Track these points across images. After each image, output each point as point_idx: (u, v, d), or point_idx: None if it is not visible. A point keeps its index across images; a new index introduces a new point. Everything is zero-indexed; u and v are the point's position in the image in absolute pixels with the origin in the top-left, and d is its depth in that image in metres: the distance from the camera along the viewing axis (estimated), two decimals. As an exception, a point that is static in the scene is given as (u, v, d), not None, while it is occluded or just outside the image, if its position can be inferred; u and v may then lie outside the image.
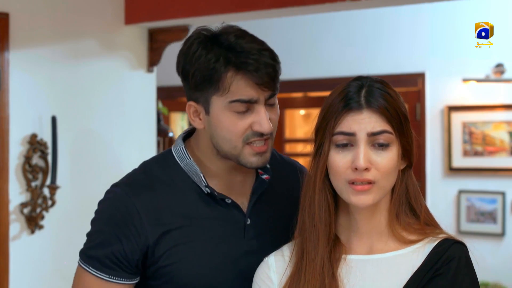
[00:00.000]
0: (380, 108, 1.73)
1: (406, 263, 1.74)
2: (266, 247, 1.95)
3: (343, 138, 1.74)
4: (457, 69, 5.51)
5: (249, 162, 1.91)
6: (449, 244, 1.73)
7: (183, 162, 1.97)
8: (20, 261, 3.95)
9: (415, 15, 5.65)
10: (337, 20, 5.88)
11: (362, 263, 1.77)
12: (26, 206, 4.00)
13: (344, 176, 1.73)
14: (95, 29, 4.47)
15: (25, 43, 4.02)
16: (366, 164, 1.70)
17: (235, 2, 4.22)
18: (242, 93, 1.86)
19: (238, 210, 1.97)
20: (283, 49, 6.03)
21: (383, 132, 1.73)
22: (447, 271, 1.69)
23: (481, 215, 5.46)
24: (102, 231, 1.93)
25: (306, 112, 8.52)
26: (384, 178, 1.73)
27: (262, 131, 1.88)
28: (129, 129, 4.63)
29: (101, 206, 2.00)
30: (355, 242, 1.81)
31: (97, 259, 1.92)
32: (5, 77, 3.87)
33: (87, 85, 4.38)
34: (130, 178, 2.01)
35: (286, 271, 1.83)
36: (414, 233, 1.78)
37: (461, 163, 5.53)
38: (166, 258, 1.90)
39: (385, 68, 5.74)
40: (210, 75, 1.86)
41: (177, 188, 1.95)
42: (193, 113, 1.95)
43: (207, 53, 1.87)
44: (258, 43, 1.90)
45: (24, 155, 3.99)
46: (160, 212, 1.91)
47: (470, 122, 5.50)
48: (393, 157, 1.74)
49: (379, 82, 1.78)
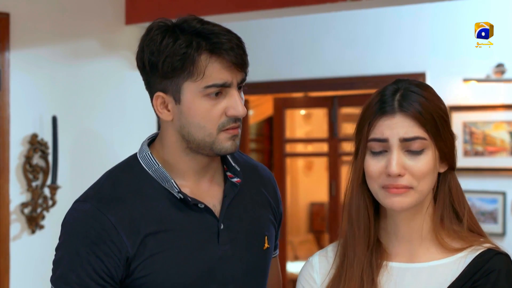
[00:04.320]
0: (414, 112, 1.70)
1: (446, 273, 1.70)
2: (240, 252, 1.92)
3: (377, 145, 1.71)
4: (457, 69, 5.50)
5: (223, 148, 1.85)
6: (491, 255, 1.68)
7: (152, 169, 1.88)
8: (20, 261, 3.96)
9: (415, 15, 5.65)
10: (338, 20, 5.87)
11: (403, 271, 1.74)
12: (26, 206, 4.00)
13: (378, 181, 1.71)
14: (95, 29, 4.47)
15: (26, 43, 4.02)
16: (400, 170, 1.67)
17: (236, 2, 4.22)
18: (217, 76, 1.80)
19: (210, 215, 1.90)
20: (284, 49, 6.03)
21: (416, 139, 1.69)
22: (485, 283, 1.65)
23: (481, 215, 5.45)
24: (78, 253, 1.80)
25: (307, 112, 8.54)
26: (421, 183, 1.70)
27: (237, 114, 1.83)
28: (129, 129, 4.63)
29: (69, 227, 1.85)
30: (395, 247, 1.78)
31: (79, 284, 1.79)
32: (6, 77, 3.88)
33: (87, 85, 4.39)
34: (98, 191, 1.89)
35: (330, 273, 1.81)
36: (458, 241, 1.73)
37: (462, 163, 5.52)
38: (142, 269, 1.82)
39: (385, 68, 5.74)
40: (182, 60, 1.79)
41: (147, 197, 1.86)
42: (160, 105, 1.87)
43: (175, 40, 1.81)
44: (222, 27, 1.85)
45: (24, 155, 3.99)
46: (135, 223, 1.82)
47: (470, 122, 5.50)
48: (429, 161, 1.70)
49: (416, 85, 1.75)
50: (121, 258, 1.80)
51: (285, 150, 6.76)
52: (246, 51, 1.86)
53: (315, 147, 8.50)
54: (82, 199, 1.88)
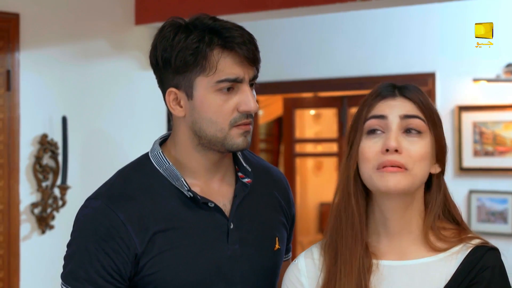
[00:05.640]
0: (414, 98, 1.71)
1: (439, 270, 1.69)
2: (249, 252, 1.92)
3: (375, 122, 1.70)
4: (467, 69, 5.49)
5: (235, 144, 1.85)
6: (483, 251, 1.68)
7: (162, 168, 1.89)
8: (30, 261, 3.97)
9: (425, 15, 5.64)
10: (347, 20, 5.87)
11: (394, 269, 1.72)
12: (36, 206, 4.01)
13: (373, 161, 1.68)
14: (105, 29, 4.48)
15: (36, 43, 4.03)
16: (398, 145, 1.66)
17: (245, 2, 4.22)
18: (229, 70, 1.81)
19: (220, 214, 1.90)
20: (293, 49, 6.03)
21: (416, 117, 1.70)
22: (481, 280, 1.65)
23: (491, 215, 5.44)
24: (87, 249, 1.81)
25: (316, 112, 8.53)
26: (416, 166, 1.67)
27: (248, 109, 1.83)
28: (139, 129, 4.63)
29: (80, 224, 1.87)
30: (385, 244, 1.75)
31: (87, 280, 1.80)
32: (16, 78, 3.89)
33: (97, 85, 4.39)
34: (108, 189, 1.91)
35: (320, 276, 1.78)
36: (447, 239, 1.73)
37: (472, 163, 5.51)
38: (151, 267, 1.82)
39: (395, 68, 5.73)
40: (194, 54, 1.80)
41: (158, 195, 1.87)
42: (172, 101, 1.88)
43: (187, 36, 1.82)
44: (234, 24, 1.87)
45: (34, 155, 4.00)
46: (144, 220, 1.83)
47: (480, 122, 5.49)
48: (426, 145, 1.70)
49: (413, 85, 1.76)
50: (129, 255, 1.81)
51: (295, 150, 6.76)
52: (258, 47, 1.87)
53: (324, 147, 8.49)
54: (93, 196, 1.90)
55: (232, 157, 1.99)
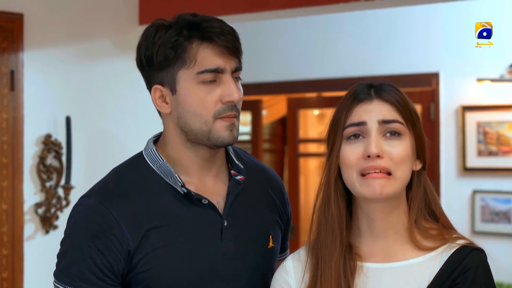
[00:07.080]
0: (391, 100, 1.71)
1: (423, 271, 1.69)
2: (243, 249, 1.93)
3: (354, 129, 1.70)
4: (471, 69, 5.49)
5: (220, 138, 1.86)
6: (466, 252, 1.68)
7: (156, 165, 1.90)
8: (34, 261, 3.97)
9: (429, 15, 5.63)
10: (351, 20, 5.87)
11: (379, 272, 1.72)
12: (40, 206, 4.01)
13: (355, 167, 1.69)
14: (109, 29, 4.48)
15: (40, 43, 4.03)
16: (379, 150, 1.66)
17: (249, 2, 4.22)
18: (209, 61, 1.83)
19: (214, 211, 1.90)
20: (297, 49, 6.03)
21: (395, 122, 1.70)
22: (464, 281, 1.64)
23: (495, 215, 5.43)
24: (80, 246, 1.83)
25: (320, 112, 8.51)
26: (398, 169, 1.68)
27: (232, 99, 1.84)
28: (143, 129, 4.63)
29: (73, 221, 1.89)
30: (369, 246, 1.76)
31: (79, 277, 1.81)
32: (20, 78, 3.89)
33: (101, 85, 4.40)
34: (102, 186, 1.93)
35: (304, 278, 1.79)
36: (433, 238, 1.72)
37: (476, 163, 5.50)
38: (144, 264, 1.83)
39: (399, 68, 5.73)
40: (174, 48, 1.83)
41: (151, 192, 1.88)
42: (158, 98, 1.91)
43: (166, 31, 1.86)
44: (215, 18, 1.89)
45: (38, 156, 4.00)
46: (138, 217, 1.84)
47: (484, 122, 5.48)
48: (406, 147, 1.70)
49: (389, 84, 1.76)
50: (122, 251, 1.82)
51: (299, 150, 6.75)
52: (239, 39, 1.88)
53: (328, 147, 8.46)
54: (87, 194, 1.92)
55: (225, 155, 2.00)
